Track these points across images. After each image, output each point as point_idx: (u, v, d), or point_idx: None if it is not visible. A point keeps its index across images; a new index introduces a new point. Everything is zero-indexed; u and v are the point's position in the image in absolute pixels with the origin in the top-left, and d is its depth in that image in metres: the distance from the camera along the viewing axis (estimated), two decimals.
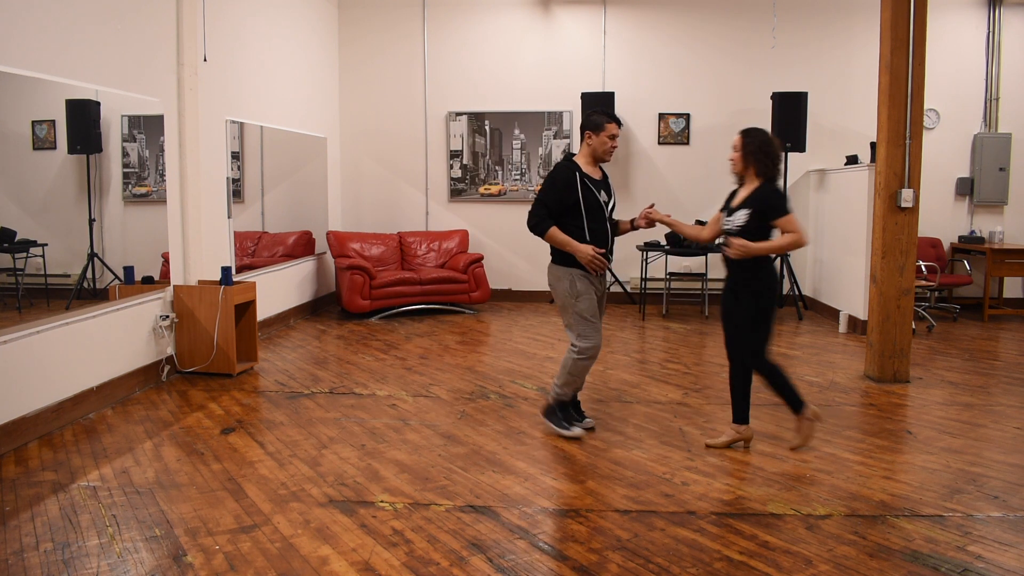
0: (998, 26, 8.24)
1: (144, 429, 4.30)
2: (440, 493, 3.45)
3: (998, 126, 8.31)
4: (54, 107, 4.41)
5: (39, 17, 4.15)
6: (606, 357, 6.13)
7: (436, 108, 8.71)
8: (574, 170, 4.02)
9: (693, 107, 8.55)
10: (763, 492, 3.45)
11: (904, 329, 5.33)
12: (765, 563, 2.80)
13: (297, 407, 4.74)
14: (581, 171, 4.03)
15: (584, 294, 4.03)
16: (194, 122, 5.56)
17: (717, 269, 8.59)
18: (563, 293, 4.06)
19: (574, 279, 4.03)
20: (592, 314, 4.06)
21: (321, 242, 8.15)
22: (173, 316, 5.35)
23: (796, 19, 8.30)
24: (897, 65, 5.15)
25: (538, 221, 4.00)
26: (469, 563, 2.81)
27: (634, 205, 8.67)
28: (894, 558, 2.84)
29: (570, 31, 8.60)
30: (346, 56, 8.78)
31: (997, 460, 3.87)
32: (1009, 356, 6.27)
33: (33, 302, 4.39)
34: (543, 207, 4.00)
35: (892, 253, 5.29)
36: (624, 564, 2.80)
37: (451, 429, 4.32)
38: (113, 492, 3.42)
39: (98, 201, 4.82)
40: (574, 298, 4.03)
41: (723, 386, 5.23)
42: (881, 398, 4.99)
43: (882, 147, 5.28)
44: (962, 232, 8.39)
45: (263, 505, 3.29)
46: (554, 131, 8.64)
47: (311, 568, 2.77)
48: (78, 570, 2.73)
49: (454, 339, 6.76)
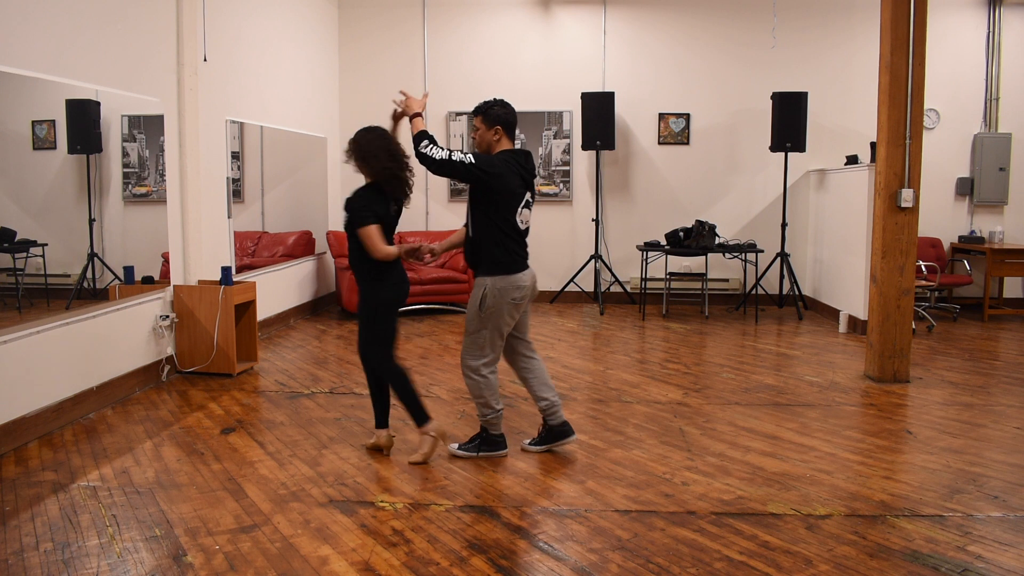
0: (998, 26, 8.24)
1: (144, 429, 4.30)
2: (440, 493, 3.45)
3: (998, 126, 8.31)
4: (54, 107, 4.40)
5: (39, 17, 4.15)
6: (606, 357, 6.14)
7: (436, 108, 8.70)
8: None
9: (693, 107, 8.54)
10: (763, 492, 3.45)
11: (904, 329, 5.33)
12: (765, 563, 2.80)
13: (297, 407, 4.74)
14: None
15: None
16: (194, 122, 5.56)
17: (717, 269, 8.60)
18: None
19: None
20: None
21: (321, 242, 8.15)
22: (173, 316, 5.35)
23: (796, 19, 8.30)
24: (897, 65, 5.15)
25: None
26: (469, 563, 2.81)
27: (634, 205, 8.69)
28: (894, 558, 2.84)
29: (570, 31, 8.60)
30: (346, 56, 8.79)
31: (997, 460, 3.87)
32: (1009, 356, 6.27)
33: (33, 302, 4.39)
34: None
35: (892, 253, 5.29)
36: (624, 564, 2.80)
37: (451, 429, 4.32)
38: (113, 492, 3.42)
39: (98, 201, 4.82)
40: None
41: (723, 386, 5.24)
42: (881, 398, 4.99)
43: (882, 147, 5.28)
44: (962, 232, 8.39)
45: (263, 505, 3.29)
46: (554, 131, 8.64)
47: (311, 568, 2.77)
48: (78, 570, 2.73)
49: (454, 339, 6.76)
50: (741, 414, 4.62)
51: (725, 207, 8.57)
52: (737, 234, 8.52)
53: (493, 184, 3.59)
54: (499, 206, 3.64)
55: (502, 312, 3.68)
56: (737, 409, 4.72)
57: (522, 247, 3.74)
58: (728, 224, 8.51)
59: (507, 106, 3.78)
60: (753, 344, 6.65)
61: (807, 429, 4.34)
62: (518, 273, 3.69)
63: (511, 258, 3.67)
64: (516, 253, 3.69)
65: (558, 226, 8.76)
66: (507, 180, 3.61)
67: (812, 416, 4.59)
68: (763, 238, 8.33)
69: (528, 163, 3.75)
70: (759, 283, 8.18)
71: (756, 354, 6.26)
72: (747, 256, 8.04)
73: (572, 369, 5.73)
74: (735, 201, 8.59)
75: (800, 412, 4.67)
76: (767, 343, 6.70)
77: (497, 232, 3.65)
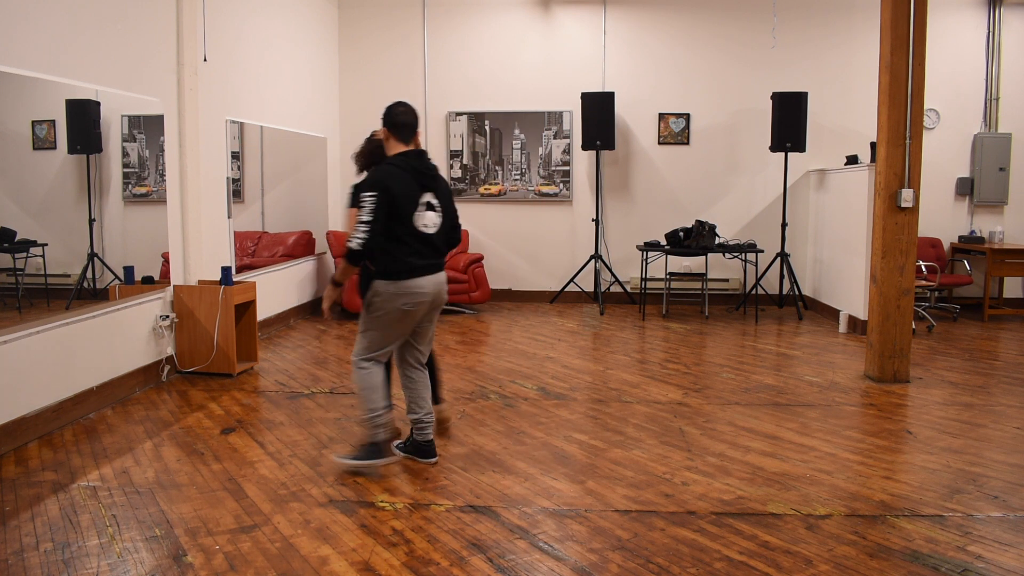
0: (998, 26, 8.24)
1: (144, 429, 4.30)
2: (440, 493, 3.45)
3: (998, 126, 8.31)
4: (54, 107, 4.40)
5: (39, 17, 4.15)
6: (606, 357, 6.14)
7: (436, 108, 8.71)
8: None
9: (693, 107, 8.55)
10: (763, 492, 3.45)
11: (904, 329, 5.33)
12: (765, 563, 2.80)
13: (297, 407, 4.74)
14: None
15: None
16: (194, 122, 5.56)
17: (717, 269, 8.60)
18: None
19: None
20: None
21: (321, 242, 8.15)
22: (173, 316, 5.35)
23: (796, 19, 8.30)
24: (897, 65, 5.15)
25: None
26: (469, 563, 2.81)
27: (634, 205, 8.69)
28: (894, 558, 2.84)
29: (570, 31, 8.60)
30: (346, 56, 8.79)
31: (997, 460, 3.87)
32: (1009, 356, 6.27)
33: (33, 302, 4.39)
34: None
35: (892, 253, 5.29)
36: (624, 564, 2.80)
37: (451, 429, 4.32)
38: (113, 492, 3.42)
39: (98, 201, 4.82)
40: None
41: (723, 386, 5.24)
42: (881, 398, 4.99)
43: (882, 147, 5.28)
44: (962, 232, 8.39)
45: (263, 505, 3.29)
46: (554, 131, 8.64)
47: (311, 568, 2.77)
48: (78, 570, 2.73)
49: (454, 339, 6.76)
50: (741, 414, 4.62)
51: (725, 207, 8.57)
52: (737, 234, 8.52)
53: (387, 198, 3.45)
54: (391, 215, 3.48)
55: (390, 317, 3.57)
56: (737, 409, 4.72)
57: (423, 254, 3.56)
58: (728, 224, 8.51)
59: (399, 106, 3.66)
60: (753, 344, 6.65)
61: (807, 429, 4.35)
62: (410, 280, 3.53)
63: (400, 266, 3.52)
64: (408, 260, 3.53)
65: (558, 226, 8.76)
66: (393, 190, 3.46)
67: (812, 416, 4.59)
68: (763, 238, 8.33)
69: (423, 163, 3.61)
70: (759, 283, 8.18)
71: (756, 354, 6.26)
72: (747, 256, 8.04)
73: (572, 369, 5.73)
74: (735, 201, 8.59)
75: (800, 412, 4.67)
76: (767, 343, 6.70)
77: (387, 240, 3.49)
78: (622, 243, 8.66)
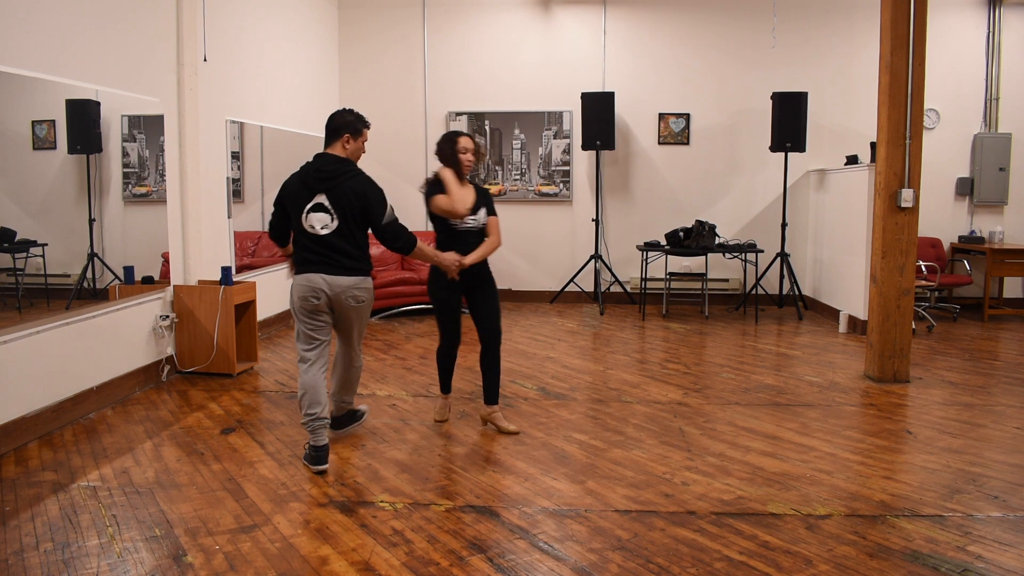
0: (998, 26, 8.24)
1: (144, 429, 4.30)
2: (440, 493, 3.45)
3: (998, 126, 8.31)
4: (54, 107, 4.40)
5: (39, 17, 4.15)
6: (606, 357, 6.14)
7: (436, 108, 8.71)
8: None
9: (693, 107, 8.55)
10: (763, 492, 3.45)
11: (904, 329, 5.33)
12: (765, 563, 2.80)
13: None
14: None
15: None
16: (194, 122, 5.56)
17: (717, 269, 8.60)
18: (368, 310, 3.97)
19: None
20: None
21: None
22: (173, 316, 5.35)
23: (796, 19, 8.30)
24: (897, 65, 5.15)
25: (408, 236, 3.84)
26: (469, 563, 2.81)
27: (634, 205, 8.69)
28: (894, 558, 2.84)
29: (570, 31, 8.60)
30: (346, 56, 8.78)
31: (997, 460, 3.87)
32: (1009, 356, 6.27)
33: (33, 302, 4.39)
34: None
35: (892, 253, 5.29)
36: (624, 564, 2.80)
37: (451, 429, 4.32)
38: (113, 492, 3.42)
39: (98, 201, 4.82)
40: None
41: (723, 386, 5.24)
42: (881, 398, 4.99)
43: (882, 147, 5.28)
44: (962, 232, 8.39)
45: (263, 505, 3.30)
46: (554, 131, 8.64)
47: (311, 568, 2.77)
48: (78, 570, 2.73)
49: None
50: (741, 414, 4.62)
51: (725, 207, 8.57)
52: (737, 234, 8.52)
53: (279, 198, 3.88)
54: (287, 215, 3.84)
55: (296, 310, 3.78)
56: (737, 409, 4.72)
57: (314, 251, 3.71)
58: (728, 224, 8.51)
59: (335, 112, 3.90)
60: (753, 344, 6.65)
61: (807, 429, 4.35)
62: (302, 274, 3.74)
63: (297, 260, 3.80)
64: (301, 255, 3.77)
65: (558, 226, 8.76)
66: (282, 192, 3.84)
67: (812, 416, 4.59)
68: (763, 238, 8.33)
69: (321, 166, 3.74)
70: (759, 283, 8.18)
71: (756, 354, 6.26)
72: (747, 256, 8.04)
73: (572, 369, 5.73)
74: (735, 201, 8.59)
75: (800, 412, 4.67)
76: (767, 343, 6.70)
77: (294, 238, 3.85)
78: (622, 243, 8.66)
